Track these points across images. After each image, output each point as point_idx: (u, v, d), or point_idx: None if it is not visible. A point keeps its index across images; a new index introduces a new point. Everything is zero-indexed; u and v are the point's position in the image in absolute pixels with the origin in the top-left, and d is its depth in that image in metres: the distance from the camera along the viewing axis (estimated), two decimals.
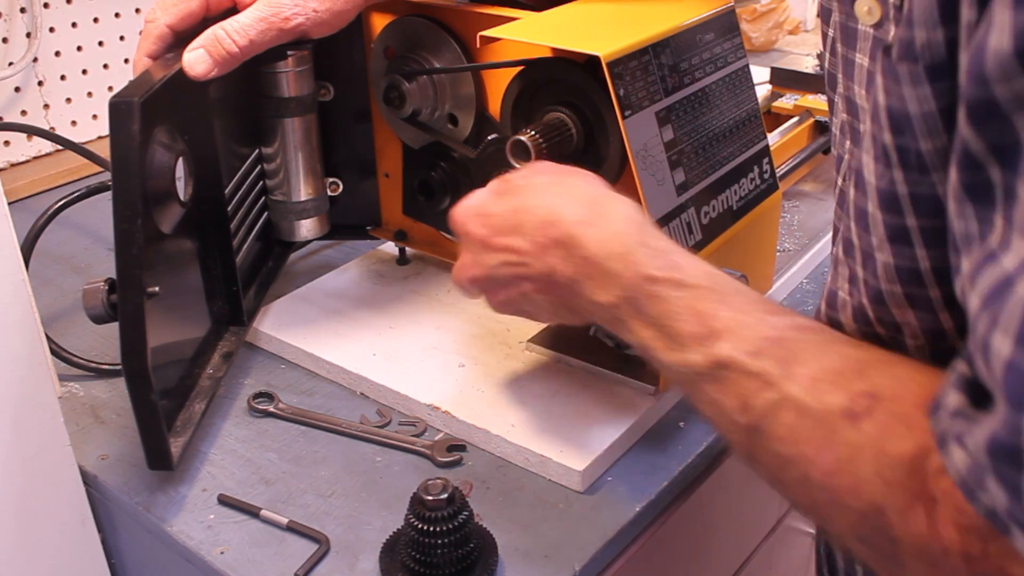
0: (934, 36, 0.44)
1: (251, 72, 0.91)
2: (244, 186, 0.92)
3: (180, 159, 0.77)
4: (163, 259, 0.76)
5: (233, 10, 0.80)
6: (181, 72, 0.77)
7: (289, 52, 0.88)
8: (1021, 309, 0.36)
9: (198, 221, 0.84)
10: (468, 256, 0.68)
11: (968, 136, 0.40)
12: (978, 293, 0.40)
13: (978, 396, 0.41)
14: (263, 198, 0.97)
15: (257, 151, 0.95)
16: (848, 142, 0.60)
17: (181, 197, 0.77)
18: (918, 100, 0.46)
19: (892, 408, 0.46)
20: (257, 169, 0.95)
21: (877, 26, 0.53)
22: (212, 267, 0.86)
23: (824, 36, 0.63)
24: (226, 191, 0.87)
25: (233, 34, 0.76)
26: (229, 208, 0.87)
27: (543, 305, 0.66)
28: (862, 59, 0.56)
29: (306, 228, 0.99)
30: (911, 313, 0.55)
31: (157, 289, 0.70)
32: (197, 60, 0.76)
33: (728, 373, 0.52)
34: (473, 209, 0.68)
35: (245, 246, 0.92)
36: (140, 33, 0.80)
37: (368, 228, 1.04)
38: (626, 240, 0.60)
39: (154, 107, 0.71)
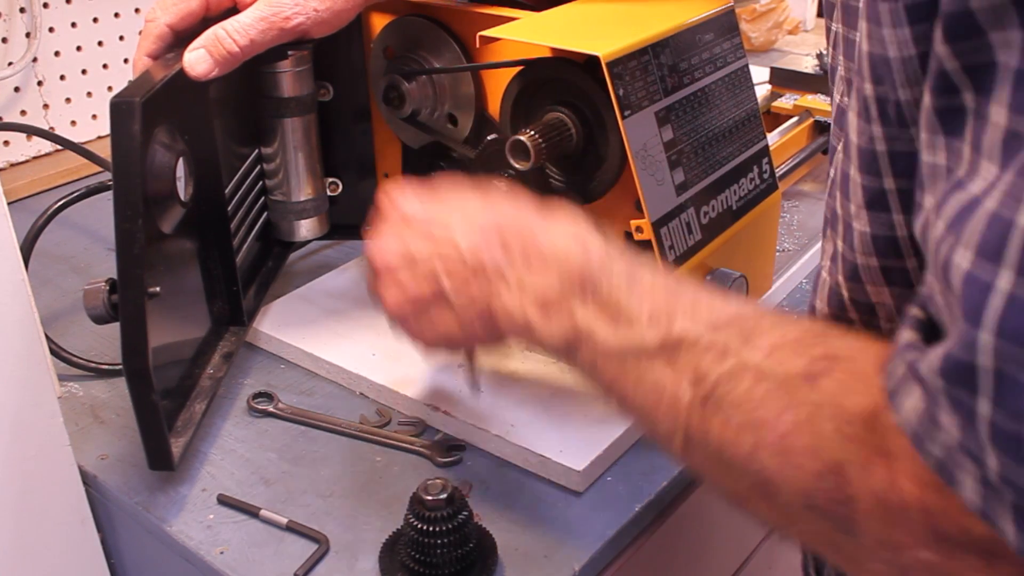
0: None
1: (251, 72, 0.91)
2: (244, 186, 0.92)
3: (181, 159, 0.77)
4: (164, 259, 0.76)
5: (233, 10, 0.80)
6: (181, 72, 0.77)
7: (289, 52, 0.87)
8: (984, 223, 0.36)
9: (198, 221, 0.83)
10: (388, 232, 0.66)
11: (943, 54, 0.39)
12: (944, 220, 0.39)
13: (931, 335, 0.41)
14: (263, 198, 0.97)
15: (257, 151, 0.95)
16: (835, 127, 0.59)
17: (182, 197, 0.77)
18: (897, 43, 0.45)
19: (850, 367, 0.45)
20: (257, 169, 0.95)
21: None
22: (212, 267, 0.86)
23: (827, 31, 0.63)
24: (226, 191, 0.87)
25: (234, 34, 0.76)
26: (229, 208, 0.87)
27: (441, 314, 0.62)
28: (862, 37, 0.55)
29: (305, 228, 0.99)
30: (886, 291, 0.54)
31: (158, 289, 0.70)
32: (198, 60, 0.76)
33: (683, 349, 0.51)
34: (409, 204, 0.66)
35: (245, 246, 0.92)
36: (140, 33, 0.80)
37: (368, 228, 1.04)
38: (583, 233, 0.59)
39: (155, 107, 0.71)
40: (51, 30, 1.29)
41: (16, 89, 1.27)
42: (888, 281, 0.54)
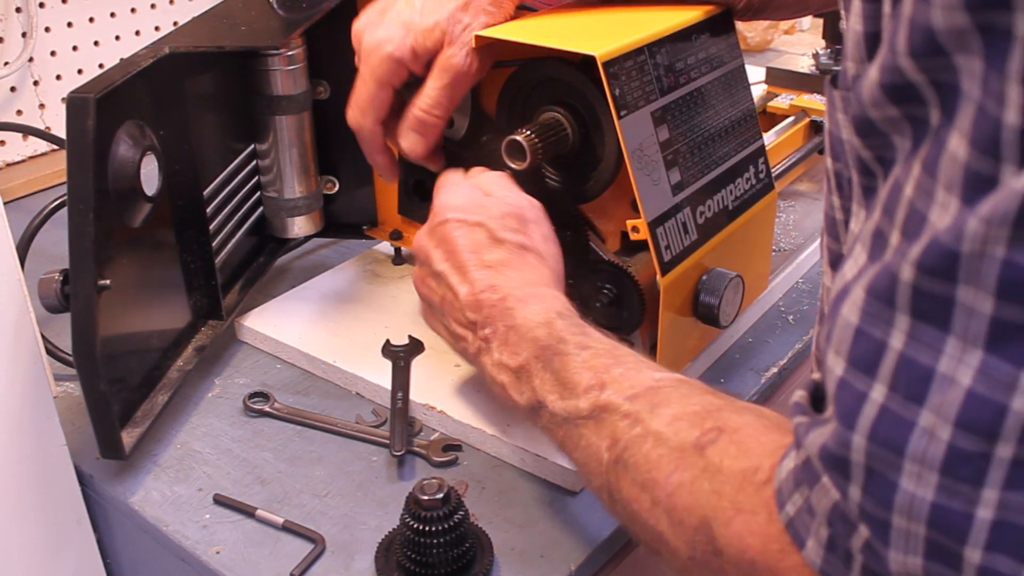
0: (860, 70, 0.46)
1: (244, 69, 0.91)
2: (235, 181, 0.92)
3: (148, 154, 0.78)
4: (129, 252, 0.77)
5: (413, 78, 0.81)
6: (157, 68, 0.77)
7: (281, 51, 0.88)
8: (850, 333, 0.40)
9: (175, 216, 0.84)
10: (429, 236, 0.75)
11: (857, 145, 0.43)
12: (829, 299, 0.44)
13: (817, 398, 0.46)
14: (257, 194, 0.97)
15: (251, 147, 0.95)
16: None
17: (147, 192, 0.78)
18: (847, 128, 0.48)
19: (734, 437, 0.51)
20: (251, 165, 0.95)
21: None
22: (190, 261, 0.87)
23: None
24: (210, 186, 0.87)
25: (431, 111, 0.79)
26: (214, 203, 0.88)
27: (449, 326, 0.73)
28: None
29: (298, 225, 0.99)
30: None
31: (108, 282, 0.71)
32: (414, 144, 0.82)
33: (606, 415, 0.57)
34: (454, 210, 0.74)
35: (233, 241, 0.92)
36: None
37: (364, 227, 1.04)
38: (550, 313, 0.66)
39: (120, 102, 0.73)
40: (47, 30, 1.29)
41: (12, 89, 1.27)
42: None
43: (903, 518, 0.38)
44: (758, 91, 1.25)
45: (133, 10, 1.38)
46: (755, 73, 1.23)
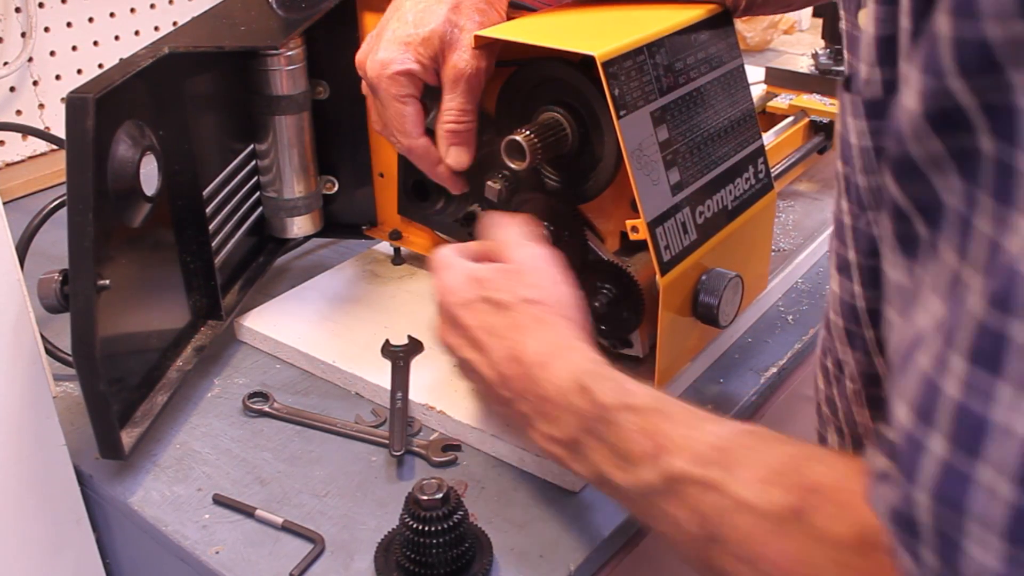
0: (873, 74, 0.44)
1: (244, 69, 0.91)
2: (234, 181, 0.92)
3: (148, 154, 0.78)
4: (128, 252, 0.77)
5: (431, 88, 0.81)
6: (156, 68, 0.77)
7: (280, 51, 0.88)
8: (918, 380, 0.37)
9: (174, 216, 0.84)
10: (446, 329, 0.72)
11: (894, 190, 0.41)
12: (896, 350, 0.40)
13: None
14: (256, 194, 0.98)
15: (251, 147, 0.95)
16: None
17: (146, 192, 0.78)
18: (857, 132, 0.48)
19: (834, 497, 0.47)
20: (251, 165, 0.95)
21: None
22: (190, 261, 0.87)
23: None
24: (210, 186, 0.87)
25: (460, 120, 0.79)
26: (214, 203, 0.88)
27: (495, 408, 0.71)
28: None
29: (297, 225, 0.99)
30: (850, 352, 0.57)
31: (108, 282, 0.71)
32: (460, 156, 0.81)
33: (679, 486, 0.54)
34: (454, 294, 0.71)
35: (233, 241, 0.93)
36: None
37: (364, 227, 1.04)
38: (581, 376, 0.62)
39: (119, 102, 0.73)
40: (47, 30, 1.29)
41: (12, 89, 1.27)
42: (851, 344, 0.56)
43: None
44: (757, 91, 1.25)
45: (132, 10, 1.38)
46: (754, 73, 1.23)
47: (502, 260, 0.72)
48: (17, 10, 1.24)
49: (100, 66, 1.36)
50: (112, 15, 1.36)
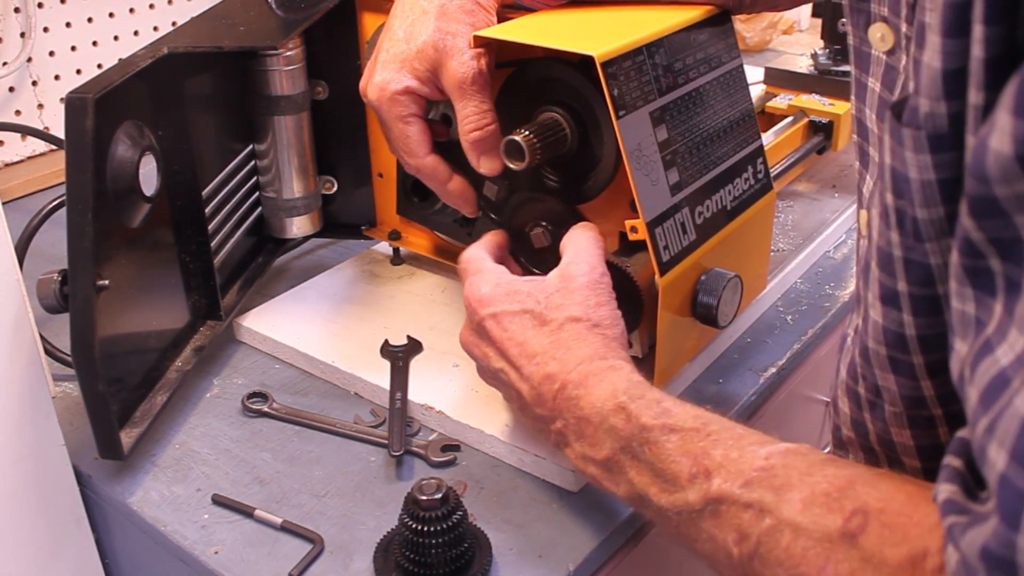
0: (937, 108, 0.44)
1: (243, 69, 0.91)
2: (234, 181, 0.92)
3: (147, 154, 0.78)
4: (128, 252, 0.77)
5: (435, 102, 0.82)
6: (156, 68, 0.77)
7: (279, 51, 0.88)
8: (1018, 425, 0.37)
9: (174, 216, 0.84)
10: (476, 338, 0.73)
11: (969, 227, 0.40)
12: (976, 386, 0.40)
13: (971, 487, 0.42)
14: (256, 194, 0.98)
15: (250, 147, 0.95)
16: (857, 163, 0.60)
17: (145, 192, 0.78)
18: (918, 167, 0.47)
19: (884, 520, 0.47)
20: (250, 165, 0.95)
21: (890, 53, 0.53)
22: (189, 261, 0.87)
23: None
24: (209, 186, 0.87)
25: (479, 127, 0.77)
26: (213, 203, 0.88)
27: (526, 419, 0.71)
28: (874, 83, 0.56)
29: (297, 225, 0.99)
30: (892, 378, 0.56)
31: (107, 282, 0.71)
32: (491, 163, 0.79)
33: (723, 507, 0.53)
34: (493, 303, 0.71)
35: (232, 241, 0.93)
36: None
37: (363, 228, 1.04)
38: (620, 396, 0.62)
39: (118, 103, 0.73)
40: (46, 30, 1.29)
41: (11, 89, 1.27)
42: (894, 370, 0.56)
43: None
44: (756, 91, 1.25)
45: (132, 10, 1.38)
46: (753, 73, 1.23)
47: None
48: (16, 10, 1.24)
49: (99, 66, 1.36)
50: (111, 15, 1.36)
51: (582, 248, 0.73)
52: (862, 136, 0.59)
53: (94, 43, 1.35)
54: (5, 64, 1.24)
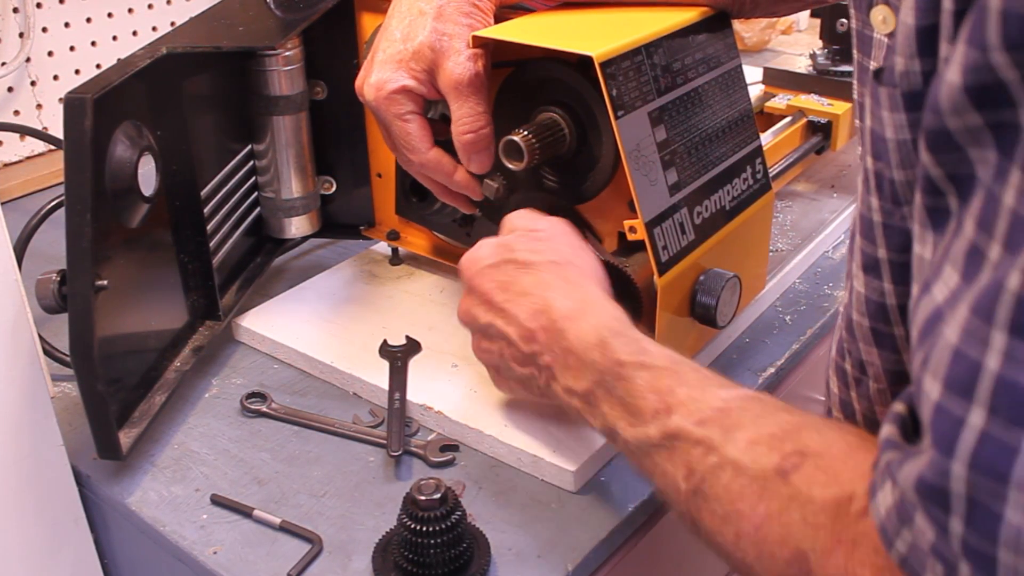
0: (911, 66, 0.44)
1: (242, 69, 0.91)
2: (232, 181, 0.92)
3: (145, 155, 0.78)
4: (127, 252, 0.77)
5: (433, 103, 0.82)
6: (154, 68, 0.77)
7: (278, 51, 0.88)
8: (948, 354, 0.38)
9: (172, 216, 0.84)
10: (467, 300, 0.74)
11: (927, 162, 0.41)
12: (916, 324, 0.41)
13: (909, 431, 0.43)
14: (254, 194, 0.97)
15: (249, 147, 0.95)
16: (860, 148, 0.61)
17: (144, 192, 0.78)
18: (894, 126, 0.47)
19: (819, 462, 0.49)
20: (248, 165, 0.95)
21: (891, 35, 0.53)
22: (187, 262, 0.87)
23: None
24: (207, 186, 0.87)
25: (472, 128, 0.78)
26: (211, 203, 0.88)
27: (515, 374, 0.72)
28: (875, 66, 0.56)
29: (295, 225, 0.99)
30: (875, 352, 0.57)
31: (106, 283, 0.71)
32: (481, 161, 0.80)
33: (678, 443, 0.56)
34: (479, 263, 0.73)
35: (231, 241, 0.93)
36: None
37: (361, 228, 1.04)
38: (603, 331, 0.64)
39: (117, 103, 0.73)
40: (44, 30, 1.29)
41: (9, 89, 1.27)
42: (877, 343, 0.57)
43: (1010, 553, 0.36)
44: (755, 91, 1.25)
45: (130, 10, 1.38)
46: (752, 73, 1.23)
47: (523, 227, 0.74)
48: (15, 10, 1.24)
49: (98, 66, 1.36)
50: (110, 15, 1.36)
51: (527, 213, 0.77)
52: (862, 119, 0.59)
53: (93, 43, 1.35)
54: (4, 64, 1.24)
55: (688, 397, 0.57)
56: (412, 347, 0.88)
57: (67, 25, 1.31)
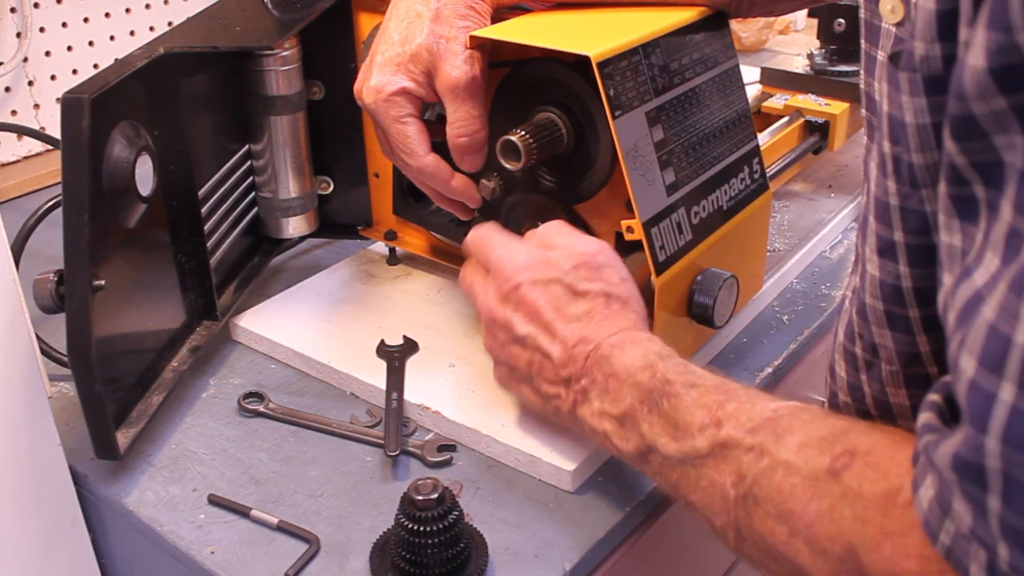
0: (932, 50, 0.44)
1: (239, 69, 0.91)
2: (229, 182, 0.92)
3: (143, 155, 0.78)
4: (124, 252, 0.77)
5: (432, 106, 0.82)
6: (152, 68, 0.77)
7: (275, 51, 0.88)
8: (985, 331, 0.38)
9: (170, 216, 0.84)
10: (502, 300, 0.73)
11: (952, 150, 0.41)
12: (955, 311, 0.42)
13: (947, 417, 0.44)
14: (252, 194, 0.97)
15: (246, 147, 0.95)
16: (866, 139, 0.61)
17: (141, 192, 0.78)
18: (913, 110, 0.47)
19: (867, 459, 0.50)
20: (246, 165, 0.95)
21: (899, 24, 0.53)
22: (185, 261, 0.87)
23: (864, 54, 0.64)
24: (205, 186, 0.87)
25: (467, 130, 0.78)
26: (209, 203, 0.88)
27: (539, 388, 0.71)
28: (883, 57, 0.56)
29: (293, 226, 0.99)
30: (888, 335, 0.57)
31: (103, 283, 0.71)
32: (474, 162, 0.80)
33: (727, 451, 0.56)
34: (519, 271, 0.72)
35: (228, 241, 0.93)
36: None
37: (359, 228, 1.04)
38: (651, 356, 0.65)
39: (115, 103, 0.73)
40: (42, 30, 1.28)
41: (7, 89, 1.27)
42: (891, 326, 0.57)
43: None
44: (753, 91, 1.25)
45: (128, 10, 1.38)
46: (750, 73, 1.23)
47: (573, 248, 0.73)
48: (12, 10, 1.24)
49: (95, 66, 1.36)
50: (107, 15, 1.36)
51: (564, 228, 0.75)
52: (871, 110, 0.60)
53: (90, 43, 1.35)
54: (1, 64, 1.24)
55: (738, 409, 0.58)
56: (409, 347, 0.88)
57: (64, 25, 1.31)
